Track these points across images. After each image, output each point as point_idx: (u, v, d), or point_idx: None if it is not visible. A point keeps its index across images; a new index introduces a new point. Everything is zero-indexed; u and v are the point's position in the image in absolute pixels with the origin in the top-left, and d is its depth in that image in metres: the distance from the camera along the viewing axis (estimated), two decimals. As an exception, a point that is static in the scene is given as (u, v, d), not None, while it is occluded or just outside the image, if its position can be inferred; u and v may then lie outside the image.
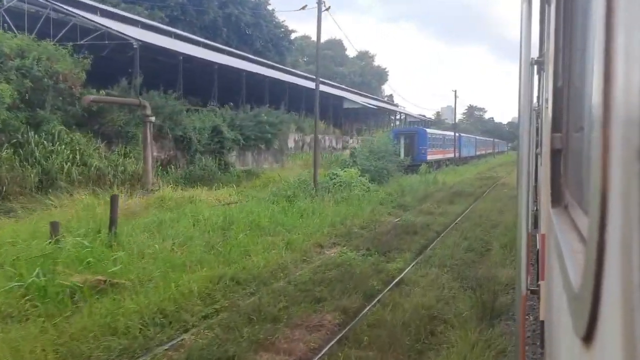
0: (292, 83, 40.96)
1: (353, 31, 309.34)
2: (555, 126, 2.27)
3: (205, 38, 45.53)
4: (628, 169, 0.53)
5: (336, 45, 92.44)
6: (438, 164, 40.91)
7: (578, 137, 1.73)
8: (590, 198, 0.75)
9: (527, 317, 6.28)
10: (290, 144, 40.38)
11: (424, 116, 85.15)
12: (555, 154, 2.23)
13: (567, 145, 2.12)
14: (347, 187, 17.66)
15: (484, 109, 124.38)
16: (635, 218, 0.50)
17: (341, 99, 51.97)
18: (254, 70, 35.34)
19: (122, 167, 21.31)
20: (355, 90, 65.40)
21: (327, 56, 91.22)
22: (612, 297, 0.59)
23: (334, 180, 18.06)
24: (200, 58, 29.74)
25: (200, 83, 34.22)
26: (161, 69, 29.22)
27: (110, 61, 28.62)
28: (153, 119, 18.83)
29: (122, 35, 24.26)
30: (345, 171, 19.97)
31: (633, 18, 0.54)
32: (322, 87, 50.82)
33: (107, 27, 24.59)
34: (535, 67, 4.96)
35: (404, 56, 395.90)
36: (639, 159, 0.50)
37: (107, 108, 22.92)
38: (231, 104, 33.32)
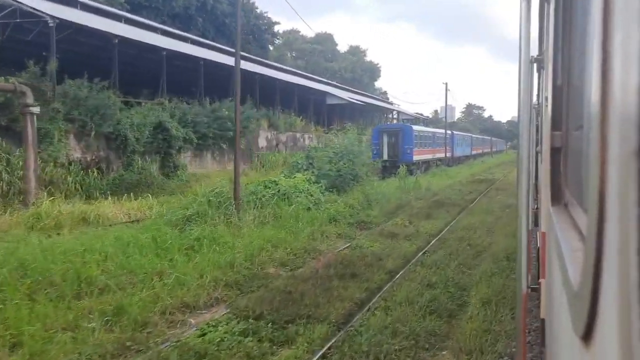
0: (264, 75, 36.57)
1: (351, 31, 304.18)
2: (555, 124, 2.29)
3: (178, 29, 41.24)
4: (625, 167, 0.53)
5: (326, 40, 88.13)
6: (427, 164, 36.55)
7: (577, 136, 1.75)
8: (588, 196, 0.74)
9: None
10: (262, 143, 36.08)
11: (421, 114, 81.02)
12: (555, 152, 2.24)
13: (567, 144, 2.13)
14: (286, 199, 13.21)
15: (482, 107, 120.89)
16: (633, 216, 0.50)
17: (324, 94, 47.71)
18: (215, 59, 30.92)
19: (20, 172, 17.14)
20: (342, 85, 61.03)
21: (317, 51, 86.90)
22: (610, 295, 0.59)
23: (268, 190, 13.46)
24: (143, 42, 25.37)
25: (148, 73, 29.89)
26: (94, 55, 24.94)
27: (39, 47, 24.46)
28: (37, 109, 14.50)
29: (34, 12, 19.93)
30: (294, 177, 15.50)
31: (630, 17, 0.54)
32: (303, 81, 46.69)
33: (18, 1, 20.28)
34: (535, 65, 4.58)
35: (403, 56, 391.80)
36: (636, 157, 0.50)
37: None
38: (191, 99, 29.12)
